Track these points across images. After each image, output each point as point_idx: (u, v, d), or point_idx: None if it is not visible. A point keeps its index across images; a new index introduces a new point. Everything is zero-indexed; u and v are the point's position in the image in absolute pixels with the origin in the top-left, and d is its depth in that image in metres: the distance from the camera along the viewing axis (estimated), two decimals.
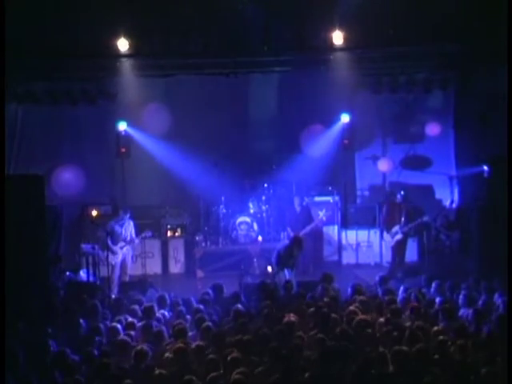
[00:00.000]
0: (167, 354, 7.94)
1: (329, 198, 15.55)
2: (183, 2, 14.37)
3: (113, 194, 15.90)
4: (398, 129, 16.12)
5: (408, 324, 8.72)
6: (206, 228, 15.36)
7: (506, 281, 10.00)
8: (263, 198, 15.30)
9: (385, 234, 14.22)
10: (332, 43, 14.43)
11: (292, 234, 13.65)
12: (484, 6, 13.36)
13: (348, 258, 15.48)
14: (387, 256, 14.39)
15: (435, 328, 8.48)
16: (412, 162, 16.15)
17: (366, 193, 16.46)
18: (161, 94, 15.36)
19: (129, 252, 13.34)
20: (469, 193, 14.90)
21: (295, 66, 15.33)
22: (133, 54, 14.61)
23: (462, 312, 9.26)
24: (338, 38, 14.31)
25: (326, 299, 10.01)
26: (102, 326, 9.03)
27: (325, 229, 15.30)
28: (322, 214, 14.46)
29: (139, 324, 9.16)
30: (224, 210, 15.20)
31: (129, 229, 13.26)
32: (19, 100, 15.14)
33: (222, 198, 15.16)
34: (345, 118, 15.48)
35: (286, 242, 13.13)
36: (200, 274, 14.66)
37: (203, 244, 15.06)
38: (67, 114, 15.61)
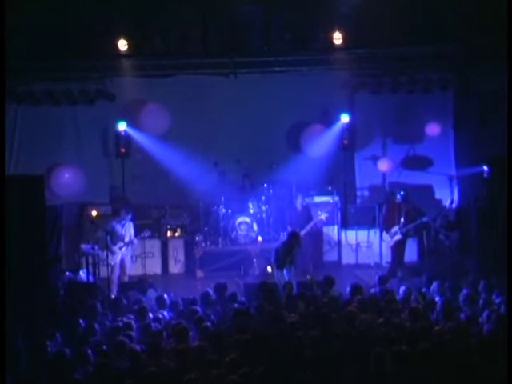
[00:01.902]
0: (166, 355, 7.93)
1: (329, 198, 15.52)
2: (183, 2, 14.41)
3: (113, 194, 15.92)
4: (398, 129, 16.09)
5: (408, 324, 8.72)
6: (205, 228, 15.32)
7: (505, 280, 10.01)
8: (263, 198, 15.25)
9: (384, 234, 14.20)
10: (332, 43, 14.48)
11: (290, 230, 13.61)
12: (484, 6, 13.39)
13: (348, 258, 15.44)
14: (387, 256, 14.36)
15: (435, 328, 8.48)
16: (412, 162, 16.13)
17: (366, 193, 16.43)
18: (161, 94, 15.34)
19: (128, 252, 13.31)
20: (468, 193, 14.90)
21: (295, 65, 15.37)
22: (132, 54, 14.66)
23: (462, 312, 9.25)
24: (337, 38, 14.35)
25: (325, 299, 10.02)
26: (96, 326, 9.01)
27: (325, 229, 15.28)
28: (321, 214, 14.41)
29: (138, 324, 9.16)
30: (224, 210, 15.15)
31: (129, 230, 13.22)
32: (19, 100, 15.19)
33: (222, 198, 15.11)
34: (345, 118, 15.49)
35: (285, 239, 13.09)
36: (200, 274, 14.64)
37: (203, 244, 15.03)
38: (67, 114, 15.62)
